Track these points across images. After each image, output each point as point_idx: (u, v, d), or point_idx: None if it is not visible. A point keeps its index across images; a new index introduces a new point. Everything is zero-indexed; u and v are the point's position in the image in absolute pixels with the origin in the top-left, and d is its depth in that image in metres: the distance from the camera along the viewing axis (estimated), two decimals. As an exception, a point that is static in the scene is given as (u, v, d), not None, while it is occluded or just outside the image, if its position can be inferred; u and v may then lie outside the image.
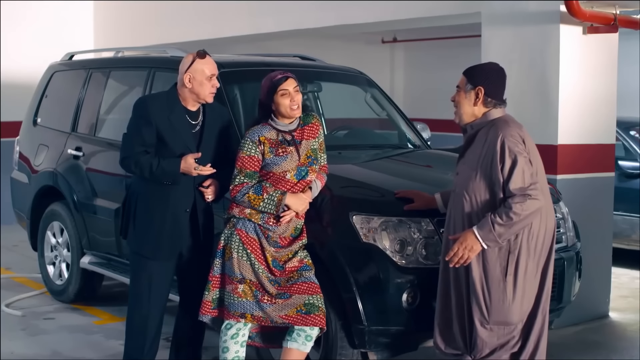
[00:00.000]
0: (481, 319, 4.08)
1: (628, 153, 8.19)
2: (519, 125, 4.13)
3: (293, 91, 4.25)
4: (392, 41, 13.04)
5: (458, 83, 4.20)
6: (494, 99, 4.13)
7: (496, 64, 4.29)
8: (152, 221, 4.41)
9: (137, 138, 4.37)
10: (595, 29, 6.10)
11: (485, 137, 4.08)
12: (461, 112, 4.18)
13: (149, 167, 4.31)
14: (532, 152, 4.06)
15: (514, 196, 3.93)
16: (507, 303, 4.05)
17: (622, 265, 7.90)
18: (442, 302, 4.23)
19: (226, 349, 4.31)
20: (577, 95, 6.11)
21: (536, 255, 4.08)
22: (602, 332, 6.15)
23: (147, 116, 4.34)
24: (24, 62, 10.39)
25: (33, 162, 6.95)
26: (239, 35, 9.25)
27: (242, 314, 4.24)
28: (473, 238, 3.98)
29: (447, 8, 6.91)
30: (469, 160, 4.13)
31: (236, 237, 4.26)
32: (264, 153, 4.24)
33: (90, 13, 11.53)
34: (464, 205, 4.08)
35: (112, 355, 5.43)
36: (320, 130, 4.41)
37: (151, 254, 4.43)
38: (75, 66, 7.02)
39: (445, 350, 4.25)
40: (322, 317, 4.22)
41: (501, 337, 4.12)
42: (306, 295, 4.21)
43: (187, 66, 4.37)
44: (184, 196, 4.41)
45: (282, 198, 4.20)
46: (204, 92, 4.37)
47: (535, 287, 4.14)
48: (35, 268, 7.16)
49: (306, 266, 4.30)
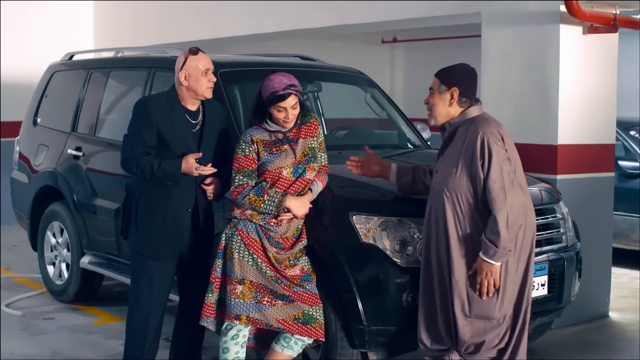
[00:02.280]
0: (462, 312, 4.12)
1: (628, 153, 8.18)
2: (498, 123, 4.18)
3: (290, 108, 4.24)
4: (392, 41, 13.04)
5: (431, 85, 4.26)
6: (469, 98, 4.21)
7: (467, 64, 4.35)
8: (154, 221, 4.41)
9: (137, 139, 4.37)
10: (595, 29, 6.10)
11: (465, 135, 4.13)
12: (435, 114, 4.24)
13: (150, 168, 4.32)
14: (510, 149, 4.11)
15: (493, 202, 3.97)
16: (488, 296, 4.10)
17: (622, 265, 7.90)
18: (426, 299, 4.25)
19: (226, 350, 4.31)
20: (577, 95, 6.11)
21: (517, 251, 4.11)
22: (602, 332, 6.15)
23: (148, 117, 4.34)
24: (24, 62, 10.39)
25: (33, 162, 6.95)
26: (239, 35, 9.25)
27: (237, 315, 4.24)
28: (487, 265, 4.04)
29: (447, 8, 6.91)
30: (449, 158, 4.18)
31: (237, 237, 4.26)
32: (258, 152, 4.26)
33: (90, 13, 11.53)
34: (444, 202, 4.11)
35: (112, 355, 5.43)
36: (319, 130, 4.41)
37: (152, 254, 4.43)
38: (75, 66, 7.02)
39: (430, 347, 4.27)
40: (318, 329, 4.24)
41: (485, 333, 4.15)
42: (306, 305, 4.23)
43: (181, 65, 4.38)
44: (185, 196, 4.42)
45: (283, 200, 4.20)
46: (201, 88, 4.38)
47: (517, 282, 4.17)
48: (35, 268, 7.16)
49: (308, 276, 4.31)
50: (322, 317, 4.25)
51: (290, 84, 4.22)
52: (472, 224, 4.09)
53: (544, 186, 5.08)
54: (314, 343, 4.35)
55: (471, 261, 4.10)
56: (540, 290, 4.66)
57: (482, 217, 4.06)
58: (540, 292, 4.66)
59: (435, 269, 4.19)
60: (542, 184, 5.14)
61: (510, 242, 4.02)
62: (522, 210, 4.07)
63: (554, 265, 4.78)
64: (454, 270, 4.11)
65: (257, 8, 8.79)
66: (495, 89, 6.32)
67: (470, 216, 4.09)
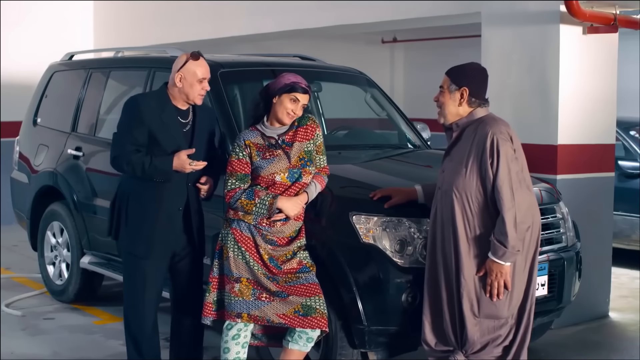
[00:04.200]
0: (472, 312, 4.11)
1: (628, 153, 8.19)
2: (505, 123, 4.18)
3: (301, 104, 4.27)
4: (392, 41, 13.04)
5: (441, 83, 4.24)
6: (478, 98, 4.19)
7: (478, 64, 4.34)
8: (145, 221, 4.40)
9: (128, 137, 4.37)
10: (595, 29, 6.10)
11: (473, 134, 4.11)
12: (445, 112, 4.22)
13: (141, 165, 4.31)
14: (518, 149, 4.11)
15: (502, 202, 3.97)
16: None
17: (622, 265, 7.90)
18: (431, 299, 4.24)
19: (227, 350, 4.31)
20: (577, 95, 6.11)
21: (524, 249, 4.11)
22: (602, 332, 6.15)
23: (139, 115, 4.34)
24: (24, 62, 10.38)
25: (33, 162, 6.95)
26: (239, 35, 9.25)
27: (238, 314, 4.24)
28: (496, 265, 4.03)
29: (447, 8, 6.91)
30: (456, 157, 4.16)
31: (231, 236, 4.27)
32: (251, 156, 4.26)
33: (90, 13, 11.53)
34: (453, 202, 4.10)
35: (112, 355, 5.43)
36: (317, 132, 4.40)
37: (144, 253, 4.43)
38: (75, 66, 7.02)
39: (435, 347, 4.26)
40: (320, 319, 4.20)
41: (492, 332, 4.15)
42: (304, 297, 4.21)
43: (179, 66, 4.38)
44: (177, 195, 4.42)
45: (274, 202, 4.20)
46: (193, 94, 4.38)
47: (524, 280, 4.18)
48: (35, 268, 7.16)
49: (305, 268, 4.30)
50: (324, 307, 4.22)
51: (305, 84, 4.30)
52: (482, 224, 4.08)
53: (544, 186, 5.08)
54: (321, 335, 4.31)
55: (480, 261, 4.09)
56: (540, 290, 4.66)
57: (492, 217, 4.05)
58: (540, 292, 4.65)
59: (442, 269, 4.18)
60: (542, 184, 5.14)
61: (519, 242, 4.01)
62: (529, 210, 4.07)
63: (554, 265, 4.78)
64: (462, 271, 4.09)
65: (257, 8, 8.79)
66: (495, 89, 6.30)
67: (479, 216, 4.08)
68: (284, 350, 4.31)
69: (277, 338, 4.44)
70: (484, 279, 4.10)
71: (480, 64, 4.35)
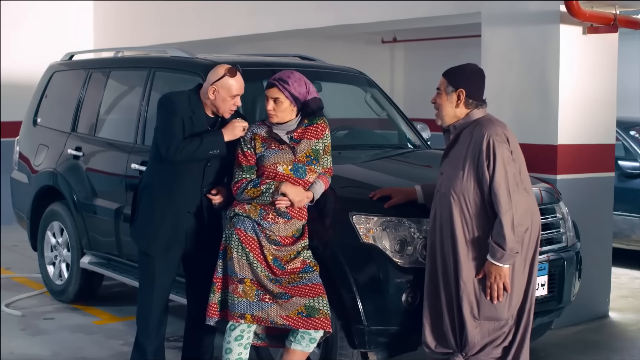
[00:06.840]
0: (472, 315, 4.11)
1: (628, 153, 8.19)
2: (502, 124, 4.17)
3: (272, 100, 4.27)
4: (392, 41, 13.04)
5: (438, 85, 4.23)
6: (475, 100, 4.18)
7: (475, 64, 4.33)
8: (153, 216, 4.44)
9: (176, 127, 4.33)
10: (595, 29, 6.10)
11: (470, 136, 4.11)
12: (443, 114, 4.22)
13: (199, 140, 4.29)
14: (515, 150, 4.10)
15: (499, 204, 3.97)
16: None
17: (622, 265, 7.90)
18: (431, 301, 4.24)
19: (229, 350, 4.30)
20: (577, 95, 6.11)
21: (524, 251, 4.11)
22: (602, 332, 6.15)
23: (176, 110, 4.35)
24: (24, 62, 10.38)
25: (33, 162, 6.95)
26: (239, 35, 9.25)
27: (241, 315, 4.24)
28: (495, 268, 4.03)
29: (447, 8, 6.91)
30: (454, 160, 4.16)
31: (235, 236, 4.27)
32: (255, 148, 4.29)
33: (90, 13, 11.53)
34: (451, 205, 4.09)
35: (112, 355, 5.43)
36: (326, 133, 4.40)
37: (146, 247, 4.48)
38: (75, 66, 7.02)
39: (435, 350, 4.26)
40: (323, 320, 4.19)
41: (492, 333, 4.15)
42: (307, 298, 4.21)
43: (216, 78, 4.36)
44: (189, 197, 4.43)
45: (279, 185, 4.21)
46: (224, 108, 4.38)
47: (524, 281, 4.18)
48: (35, 268, 7.16)
49: (309, 267, 4.29)
50: (327, 307, 4.21)
51: (280, 77, 4.28)
52: (480, 226, 4.08)
53: (544, 186, 5.08)
54: (324, 336, 4.31)
55: (479, 264, 4.09)
56: (540, 290, 4.66)
57: (490, 219, 4.05)
58: (540, 292, 4.65)
59: (441, 272, 4.18)
60: (542, 184, 5.14)
61: (517, 244, 4.01)
62: (527, 212, 4.06)
63: (554, 265, 4.78)
64: (461, 273, 4.09)
65: (256, 8, 8.79)
66: (495, 89, 6.31)
67: (477, 218, 4.08)
68: (286, 350, 4.30)
69: (279, 338, 4.44)
70: (483, 282, 4.10)
71: (477, 64, 4.34)
